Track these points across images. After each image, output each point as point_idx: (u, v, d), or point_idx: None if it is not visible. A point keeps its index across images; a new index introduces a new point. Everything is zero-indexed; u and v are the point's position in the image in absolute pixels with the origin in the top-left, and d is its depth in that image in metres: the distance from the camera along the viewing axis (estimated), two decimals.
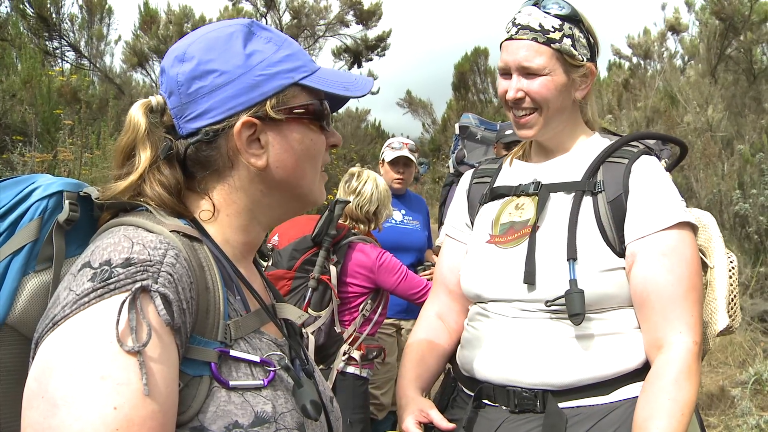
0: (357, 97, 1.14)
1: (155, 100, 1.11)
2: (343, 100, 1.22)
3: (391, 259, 3.35)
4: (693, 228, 1.69)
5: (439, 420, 1.70)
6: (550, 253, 1.67)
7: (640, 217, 1.66)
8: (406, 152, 4.29)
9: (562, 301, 1.60)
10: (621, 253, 1.67)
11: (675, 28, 14.83)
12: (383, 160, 4.38)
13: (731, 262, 1.83)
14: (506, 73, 1.79)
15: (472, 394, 1.75)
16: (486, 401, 1.72)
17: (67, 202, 1.03)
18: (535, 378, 1.64)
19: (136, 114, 1.07)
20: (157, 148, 1.07)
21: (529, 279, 1.65)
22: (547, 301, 1.63)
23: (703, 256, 1.85)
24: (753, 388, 5.07)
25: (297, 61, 1.11)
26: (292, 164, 1.11)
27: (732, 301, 1.79)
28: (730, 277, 1.81)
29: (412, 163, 4.34)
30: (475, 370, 1.75)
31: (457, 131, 4.09)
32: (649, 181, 1.69)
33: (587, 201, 1.70)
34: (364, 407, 3.33)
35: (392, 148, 4.33)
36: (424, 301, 3.21)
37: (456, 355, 1.89)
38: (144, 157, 1.06)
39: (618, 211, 1.68)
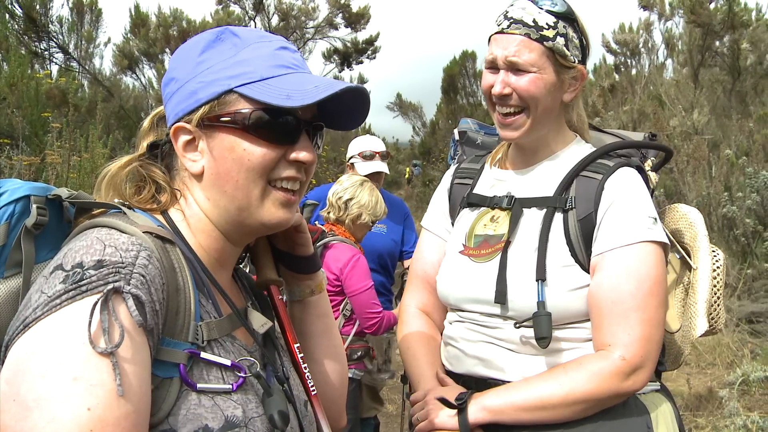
0: (297, 107, 1.05)
1: None
2: (348, 113, 1.17)
3: (363, 267, 3.31)
4: (662, 246, 1.63)
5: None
6: (520, 271, 1.65)
7: (605, 233, 1.63)
8: (380, 166, 4.23)
9: (531, 322, 1.59)
10: (590, 270, 1.65)
11: (648, 5, 14.79)
12: (352, 164, 4.27)
13: (717, 261, 1.78)
14: (493, 67, 1.71)
15: None
16: None
17: (34, 206, 1.03)
18: (514, 371, 1.65)
19: (148, 117, 1.23)
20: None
21: (501, 299, 1.65)
22: (516, 323, 1.63)
23: (687, 257, 1.82)
24: (740, 389, 5.10)
25: (246, 67, 1.08)
26: (224, 173, 1.08)
27: (716, 302, 1.75)
28: (716, 276, 1.76)
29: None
30: (459, 366, 1.76)
31: (456, 136, 4.00)
32: (620, 198, 1.65)
33: (558, 218, 1.67)
34: (353, 408, 3.33)
35: (365, 158, 4.23)
36: (369, 329, 3.24)
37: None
38: (140, 147, 1.18)
39: (587, 229, 1.65)
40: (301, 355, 1.25)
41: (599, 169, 1.69)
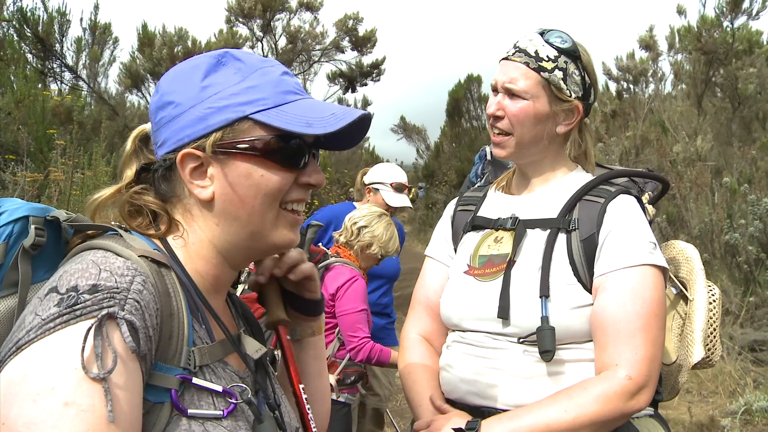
0: (320, 135, 1.07)
1: (148, 126, 1.17)
2: (349, 136, 1.18)
3: (359, 289, 3.29)
4: (662, 270, 1.68)
5: None
6: (524, 289, 1.68)
7: (608, 254, 1.67)
8: (407, 201, 4.33)
9: (534, 337, 1.63)
10: (592, 290, 1.68)
11: (649, 46, 15.00)
12: (375, 189, 4.30)
13: (713, 295, 1.83)
14: (495, 90, 1.83)
15: None
16: None
17: (32, 227, 1.03)
18: (508, 399, 1.66)
19: (129, 138, 1.17)
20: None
21: (503, 314, 1.68)
22: (520, 338, 1.66)
23: (684, 289, 1.87)
24: (743, 418, 5.05)
25: (257, 94, 1.08)
26: (239, 199, 1.09)
27: (711, 334, 1.79)
28: (712, 309, 1.81)
29: None
30: (453, 392, 1.77)
31: (488, 156, 4.00)
32: (622, 221, 1.70)
33: (561, 238, 1.72)
34: None
35: (396, 190, 4.28)
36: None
37: None
38: (125, 176, 1.13)
39: (590, 249, 1.69)
40: (305, 396, 1.25)
41: (601, 194, 1.75)
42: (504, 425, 1.58)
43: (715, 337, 1.80)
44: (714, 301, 1.83)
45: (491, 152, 2.21)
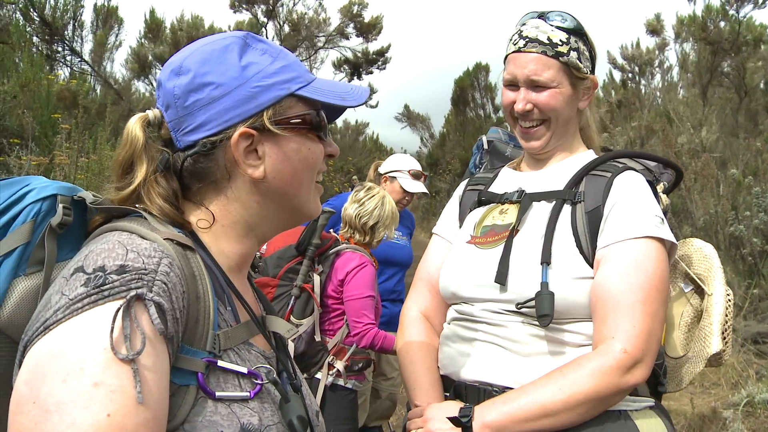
0: (354, 107, 1.15)
1: (152, 113, 1.12)
2: (339, 110, 1.23)
3: (368, 275, 3.30)
4: (666, 245, 1.65)
5: None
6: (525, 256, 1.67)
7: (612, 226, 1.65)
8: (424, 187, 4.42)
9: (533, 304, 1.60)
10: (594, 263, 1.66)
11: (656, 30, 14.94)
12: (393, 178, 4.37)
13: (729, 293, 1.83)
14: (512, 84, 1.82)
15: (446, 393, 1.77)
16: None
17: (60, 205, 1.03)
18: (506, 377, 1.64)
19: (134, 128, 1.09)
20: (154, 161, 1.09)
21: (501, 279, 1.65)
22: (518, 304, 1.63)
23: (701, 284, 1.86)
24: (745, 410, 5.07)
25: (292, 72, 1.12)
26: (289, 174, 1.12)
27: (726, 330, 1.79)
28: (728, 306, 1.81)
29: None
30: (449, 369, 1.76)
31: (485, 145, 4.02)
32: (628, 194, 1.69)
33: (566, 209, 1.72)
34: (352, 419, 3.31)
35: (414, 177, 4.37)
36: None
37: None
38: (141, 170, 1.08)
39: (594, 221, 1.68)
40: None
41: (609, 169, 1.77)
42: (498, 409, 1.55)
43: (729, 333, 1.79)
44: (730, 300, 1.82)
45: (488, 142, 2.23)
